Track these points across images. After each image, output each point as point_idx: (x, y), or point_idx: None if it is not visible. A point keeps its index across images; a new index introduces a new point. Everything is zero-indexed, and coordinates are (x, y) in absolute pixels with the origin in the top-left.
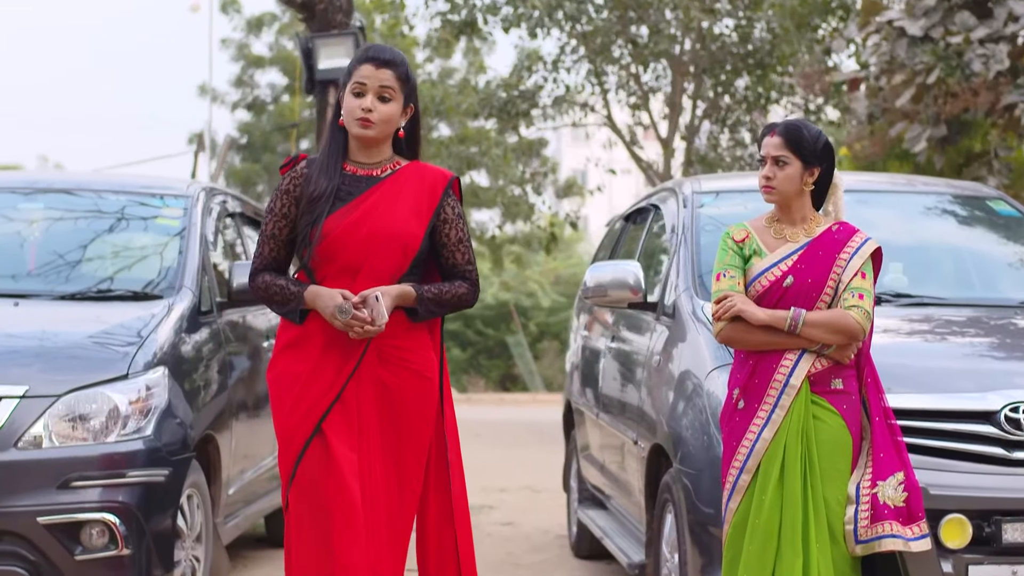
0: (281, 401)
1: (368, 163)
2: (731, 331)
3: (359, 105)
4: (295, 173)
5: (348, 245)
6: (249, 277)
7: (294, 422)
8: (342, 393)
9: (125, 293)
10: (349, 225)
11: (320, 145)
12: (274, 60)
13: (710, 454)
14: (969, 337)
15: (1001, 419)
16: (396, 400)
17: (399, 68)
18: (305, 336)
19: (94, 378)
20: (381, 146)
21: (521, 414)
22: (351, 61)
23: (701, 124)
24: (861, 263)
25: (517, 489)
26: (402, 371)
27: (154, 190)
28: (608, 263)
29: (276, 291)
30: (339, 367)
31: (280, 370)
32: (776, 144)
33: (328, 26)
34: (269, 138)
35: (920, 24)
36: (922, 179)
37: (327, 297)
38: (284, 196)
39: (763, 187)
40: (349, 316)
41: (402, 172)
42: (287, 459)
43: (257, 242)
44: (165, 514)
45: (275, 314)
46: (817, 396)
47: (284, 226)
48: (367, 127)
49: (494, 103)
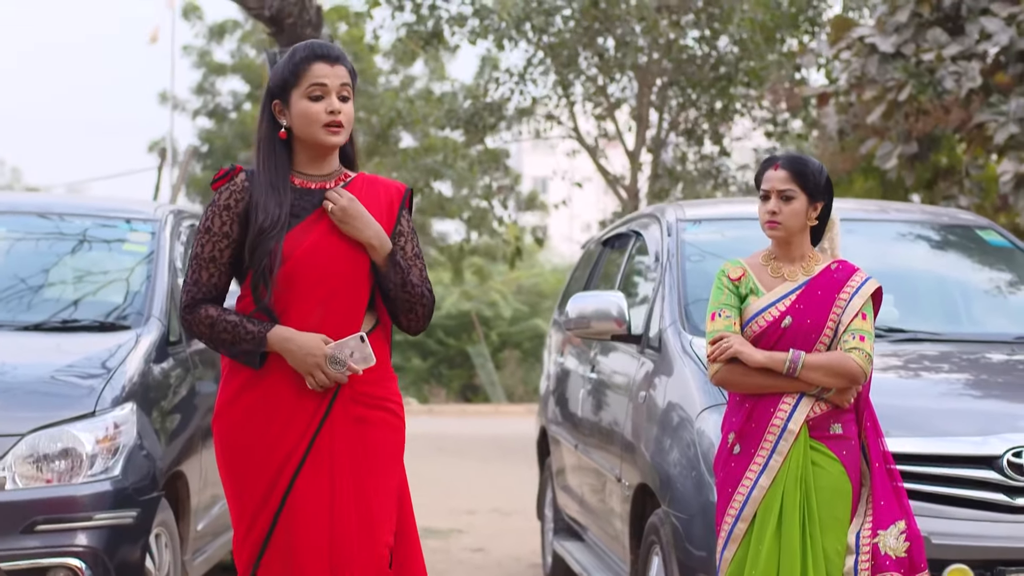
0: (238, 461)
1: (319, 175)
2: (727, 373)
3: (324, 108)
4: (235, 187)
5: (311, 268)
6: (183, 308)
7: (260, 491)
8: (314, 441)
9: (91, 323)
10: (310, 246)
11: (256, 159)
12: (236, 68)
13: (701, 498)
14: (967, 375)
15: (1003, 464)
16: (369, 442)
17: (348, 63)
18: (261, 378)
19: (59, 416)
20: (332, 155)
21: (484, 427)
22: (288, 62)
23: (667, 137)
24: (862, 303)
25: (486, 512)
26: (375, 410)
27: (120, 213)
28: (591, 293)
29: (225, 328)
30: (311, 413)
31: (234, 421)
32: (782, 178)
33: (297, 40)
34: (231, 147)
35: (892, 41)
36: (910, 207)
37: (309, 345)
38: (224, 213)
39: (768, 223)
40: (344, 368)
41: (353, 184)
42: (254, 535)
43: (190, 267)
44: (133, 557)
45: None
46: (816, 442)
47: (225, 247)
48: (337, 132)
49: (460, 115)
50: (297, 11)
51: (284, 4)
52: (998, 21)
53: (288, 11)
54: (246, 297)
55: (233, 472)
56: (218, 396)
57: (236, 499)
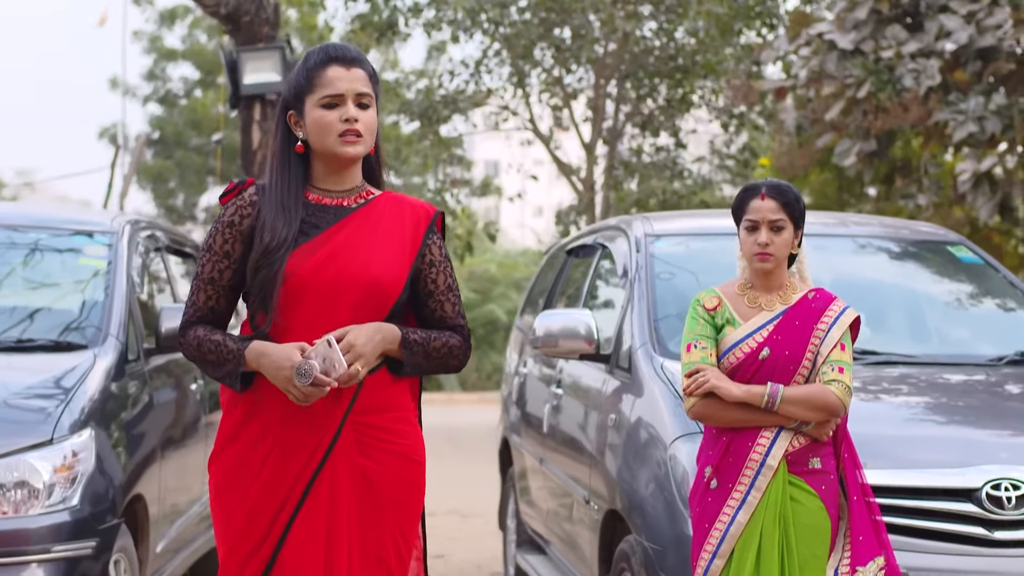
0: (231, 507)
1: (338, 191)
2: (703, 408)
3: (340, 116)
4: (242, 201)
5: (312, 290)
6: (180, 330)
7: (251, 543)
8: (310, 489)
9: (46, 343)
10: (315, 265)
11: (269, 174)
12: (187, 54)
13: (675, 530)
14: (943, 399)
15: (982, 497)
16: (377, 493)
17: (368, 66)
18: (256, 412)
19: (15, 444)
20: (354, 168)
21: (438, 417)
22: (303, 67)
23: (624, 128)
24: (840, 334)
25: (444, 513)
26: (384, 455)
27: (75, 225)
28: (559, 312)
29: (210, 349)
30: (308, 455)
31: (230, 462)
32: (772, 208)
33: (254, 39)
34: (182, 133)
35: (850, 38)
36: (875, 219)
37: (279, 357)
38: (228, 230)
39: (759, 255)
40: (310, 381)
41: (376, 203)
42: None
43: (191, 288)
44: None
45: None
46: (795, 477)
47: (226, 267)
48: (355, 143)
49: (414, 108)
50: (254, 8)
51: (240, 1)
52: (957, 19)
53: (245, 8)
54: (249, 321)
55: (224, 518)
56: (217, 433)
57: (225, 548)
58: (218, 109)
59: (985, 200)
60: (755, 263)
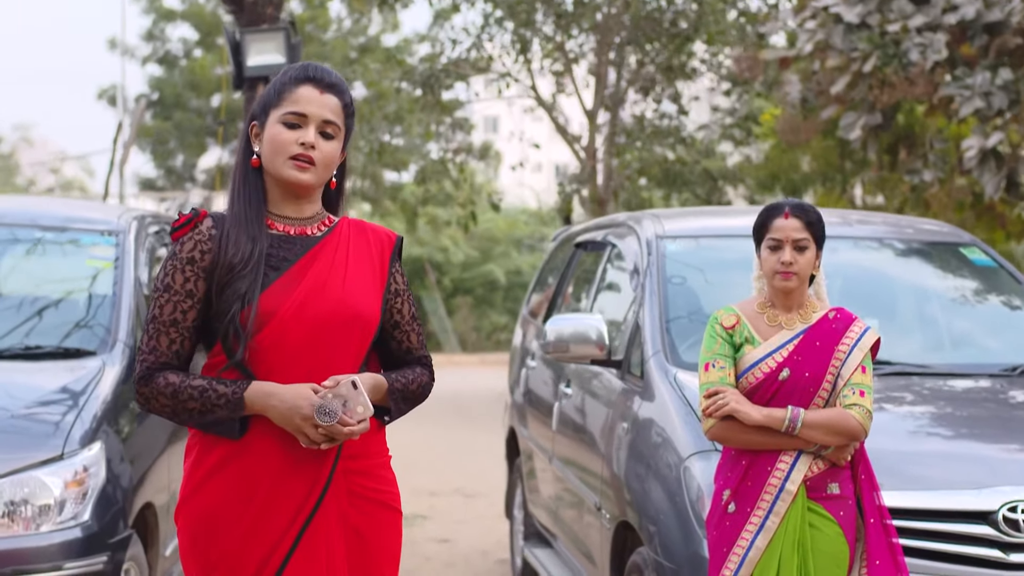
0: (210, 558)
1: (298, 218)
2: (722, 430)
3: (296, 139)
4: (200, 236)
5: (295, 329)
6: (138, 381)
7: None
8: (301, 537)
9: (54, 350)
10: (297, 304)
11: (230, 186)
12: (186, 14)
13: (690, 549)
14: (958, 412)
15: (999, 519)
16: (367, 546)
17: (345, 96)
18: (236, 457)
19: (25, 460)
20: (313, 196)
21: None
22: (278, 82)
23: (626, 94)
24: (862, 356)
25: (449, 493)
26: (370, 504)
27: (81, 224)
28: (569, 316)
29: (191, 396)
30: (299, 502)
31: (205, 509)
32: (797, 227)
33: (258, 20)
34: (181, 95)
35: (857, 11)
36: (885, 218)
37: (292, 396)
38: (188, 267)
39: (783, 273)
40: (335, 420)
41: (339, 230)
42: None
43: (145, 331)
44: None
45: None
46: (813, 503)
47: (189, 308)
48: (305, 169)
49: (416, 77)
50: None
51: None
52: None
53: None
54: (213, 359)
55: (202, 568)
56: (183, 482)
57: None
58: (217, 71)
59: (991, 176)
60: (777, 281)
